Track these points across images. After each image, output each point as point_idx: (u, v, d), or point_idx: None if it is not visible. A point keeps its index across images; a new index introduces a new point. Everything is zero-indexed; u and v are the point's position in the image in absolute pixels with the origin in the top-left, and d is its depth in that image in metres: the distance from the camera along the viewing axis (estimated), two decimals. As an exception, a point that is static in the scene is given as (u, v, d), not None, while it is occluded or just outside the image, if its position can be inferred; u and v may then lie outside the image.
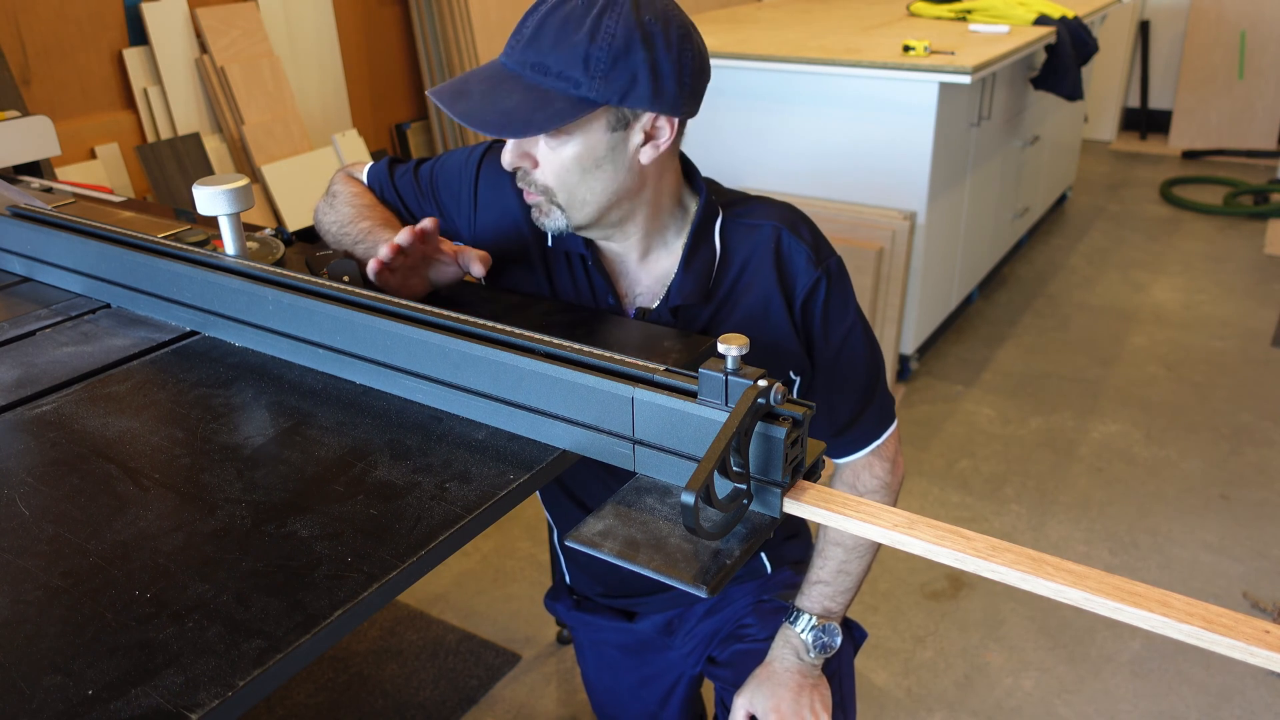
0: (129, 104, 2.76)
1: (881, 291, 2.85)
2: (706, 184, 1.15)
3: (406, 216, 1.28)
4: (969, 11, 3.39)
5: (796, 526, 1.39)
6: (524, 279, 1.20)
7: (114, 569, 0.75)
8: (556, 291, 1.19)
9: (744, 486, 0.76)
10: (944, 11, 3.48)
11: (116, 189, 2.58)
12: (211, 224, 1.36)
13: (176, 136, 2.81)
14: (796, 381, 1.14)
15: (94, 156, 2.66)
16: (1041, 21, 3.21)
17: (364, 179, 1.32)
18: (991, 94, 3.09)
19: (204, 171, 2.84)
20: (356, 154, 3.26)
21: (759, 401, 0.73)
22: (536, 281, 1.19)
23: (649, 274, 1.15)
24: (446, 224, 1.24)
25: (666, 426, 0.81)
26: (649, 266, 1.15)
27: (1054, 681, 1.96)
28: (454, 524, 0.79)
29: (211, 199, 1.08)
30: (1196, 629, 0.61)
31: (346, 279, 1.09)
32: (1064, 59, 3.23)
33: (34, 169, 1.82)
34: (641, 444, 0.84)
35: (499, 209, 1.19)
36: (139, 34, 2.74)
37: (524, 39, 0.99)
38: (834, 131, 2.87)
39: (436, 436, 0.92)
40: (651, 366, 0.85)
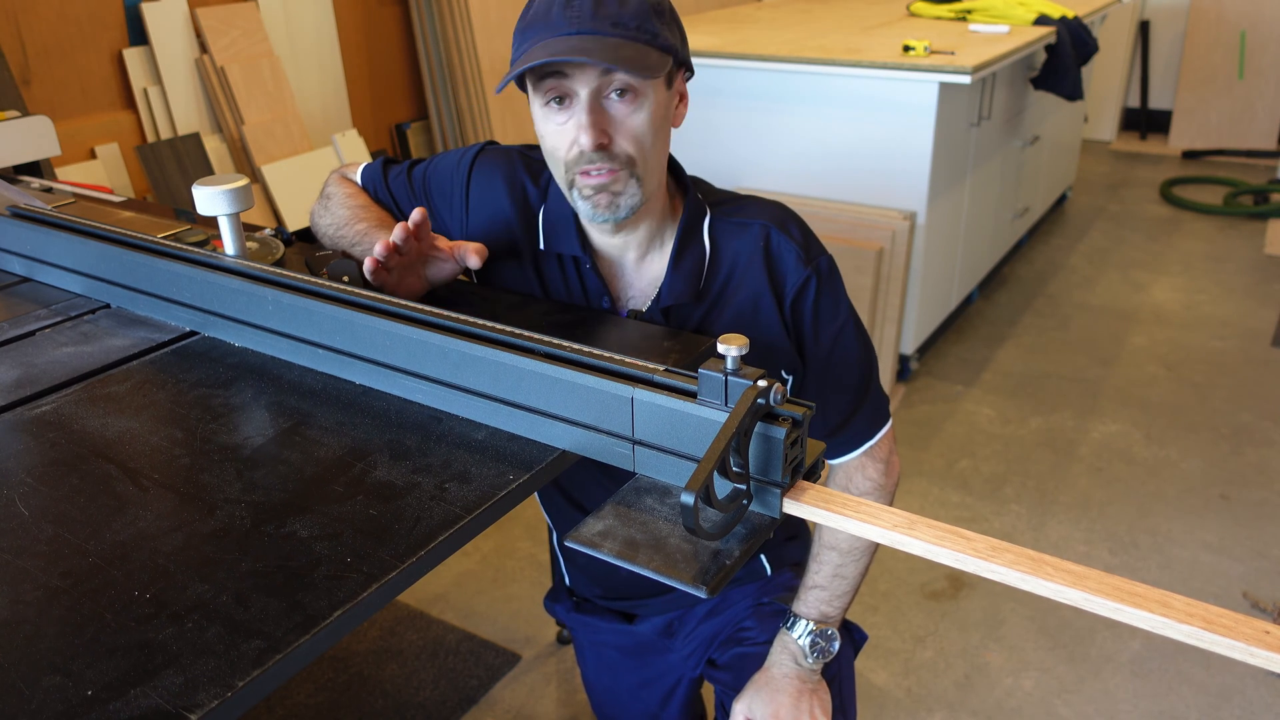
0: (129, 104, 2.76)
1: (881, 291, 2.85)
2: (694, 182, 1.15)
3: (400, 217, 1.28)
4: (969, 11, 3.39)
5: (797, 528, 1.39)
6: (516, 280, 1.20)
7: (113, 569, 0.75)
8: (548, 294, 1.19)
9: (744, 487, 0.76)
10: (944, 11, 3.48)
11: (116, 189, 2.58)
12: (211, 224, 1.36)
13: (176, 136, 2.81)
14: (789, 381, 1.14)
15: (94, 156, 2.66)
16: (1041, 21, 3.21)
17: (358, 180, 1.32)
18: (991, 94, 3.08)
19: (204, 171, 2.84)
20: (356, 154, 3.26)
21: (759, 402, 0.73)
22: (528, 283, 1.19)
23: (643, 277, 1.15)
24: (438, 226, 1.24)
25: (666, 427, 0.81)
26: (644, 269, 1.15)
27: (1054, 681, 1.96)
28: (453, 524, 0.79)
29: (211, 199, 1.08)
30: (1196, 629, 0.61)
31: (346, 279, 1.09)
32: (1064, 59, 3.23)
33: (34, 169, 1.82)
34: (641, 444, 0.84)
35: (491, 210, 1.19)
36: (139, 34, 2.74)
37: (585, 9, 0.96)
38: (834, 131, 2.87)
39: (436, 437, 0.92)
40: (651, 367, 0.85)
